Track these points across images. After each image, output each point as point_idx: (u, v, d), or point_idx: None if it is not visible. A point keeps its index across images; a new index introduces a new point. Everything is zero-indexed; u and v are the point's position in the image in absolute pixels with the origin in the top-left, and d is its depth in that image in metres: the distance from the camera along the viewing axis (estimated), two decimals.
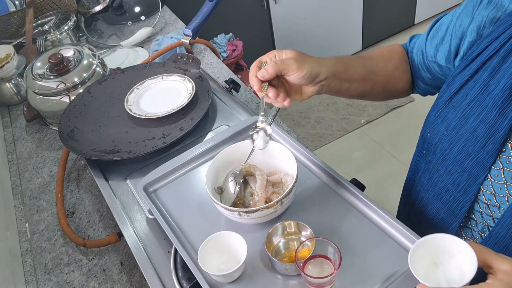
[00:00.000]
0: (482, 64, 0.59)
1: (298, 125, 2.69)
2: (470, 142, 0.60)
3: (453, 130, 0.63)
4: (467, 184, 0.62)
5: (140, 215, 0.80)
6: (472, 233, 0.66)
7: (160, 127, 0.93)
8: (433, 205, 0.70)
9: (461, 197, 0.63)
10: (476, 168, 0.60)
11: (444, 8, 3.30)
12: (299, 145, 0.79)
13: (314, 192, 0.72)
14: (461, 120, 0.61)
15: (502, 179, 0.58)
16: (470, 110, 0.60)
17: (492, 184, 0.59)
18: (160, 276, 0.69)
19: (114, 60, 1.42)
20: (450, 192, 0.65)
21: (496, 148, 0.57)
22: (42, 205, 1.02)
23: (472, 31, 0.63)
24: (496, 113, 0.57)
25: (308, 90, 0.68)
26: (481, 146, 0.59)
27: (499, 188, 0.59)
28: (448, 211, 0.66)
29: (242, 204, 0.70)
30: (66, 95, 1.13)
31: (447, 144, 0.64)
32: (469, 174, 0.61)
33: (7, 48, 1.34)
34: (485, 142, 0.58)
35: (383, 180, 2.24)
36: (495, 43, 0.58)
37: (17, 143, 1.22)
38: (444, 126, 0.64)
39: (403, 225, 0.63)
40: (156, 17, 1.63)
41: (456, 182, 0.63)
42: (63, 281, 0.85)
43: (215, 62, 1.33)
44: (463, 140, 0.61)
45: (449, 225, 0.67)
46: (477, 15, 0.62)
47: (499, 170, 0.58)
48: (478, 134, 0.59)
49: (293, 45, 2.79)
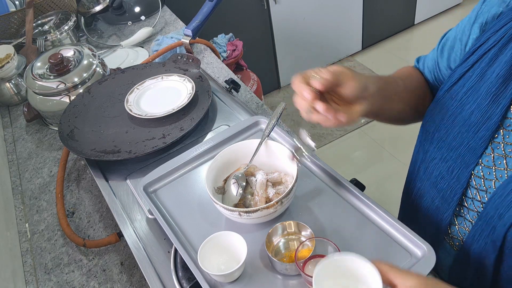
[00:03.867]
0: (481, 56, 0.61)
1: (298, 125, 2.69)
2: (464, 128, 0.61)
3: (449, 118, 0.64)
4: (460, 170, 0.63)
5: (140, 215, 0.80)
6: (464, 222, 0.66)
7: (160, 127, 0.93)
8: (428, 194, 0.71)
9: (454, 184, 0.64)
10: (468, 154, 0.61)
11: (444, 8, 3.31)
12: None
13: (314, 192, 0.72)
14: (458, 108, 0.63)
15: (491, 164, 0.59)
16: (466, 98, 0.62)
17: (482, 169, 0.61)
18: (160, 276, 0.69)
19: (114, 60, 1.42)
20: (445, 179, 0.66)
21: (488, 135, 0.58)
22: (42, 205, 1.02)
23: (476, 28, 0.65)
24: (489, 100, 0.58)
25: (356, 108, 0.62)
26: (474, 132, 0.60)
27: (488, 172, 0.60)
28: (442, 199, 0.67)
29: (242, 204, 0.70)
30: (66, 95, 1.13)
31: (444, 131, 0.65)
32: (462, 160, 0.62)
33: (7, 48, 1.34)
34: (478, 129, 0.59)
35: (383, 180, 2.24)
36: (495, 36, 0.59)
37: (17, 143, 1.22)
38: (441, 115, 0.66)
39: (403, 225, 0.63)
40: (156, 17, 1.63)
41: (450, 169, 0.65)
42: (63, 281, 0.85)
43: (215, 62, 1.33)
44: (458, 127, 0.62)
45: (443, 213, 0.68)
46: (480, 13, 0.64)
47: (489, 155, 0.59)
48: (472, 121, 0.60)
49: (293, 45, 2.79)
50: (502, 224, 0.57)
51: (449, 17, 3.30)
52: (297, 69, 3.27)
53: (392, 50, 3.14)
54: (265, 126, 0.82)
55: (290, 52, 2.82)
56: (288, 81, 3.00)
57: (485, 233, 0.60)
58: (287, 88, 3.00)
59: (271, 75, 2.89)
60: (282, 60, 2.83)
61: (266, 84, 2.84)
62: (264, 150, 0.74)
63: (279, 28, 2.65)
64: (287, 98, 2.91)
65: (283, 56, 2.81)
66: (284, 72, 2.92)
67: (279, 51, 2.76)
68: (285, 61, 2.85)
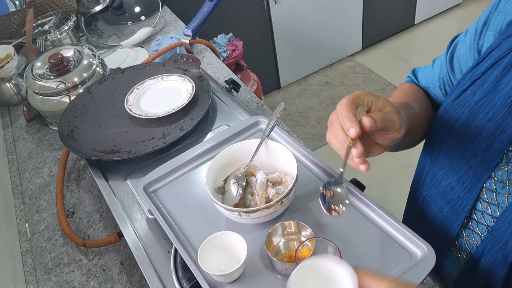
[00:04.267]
0: (493, 63, 0.58)
1: (298, 125, 2.69)
2: (477, 140, 0.59)
3: (460, 128, 0.61)
4: (472, 182, 0.61)
5: (140, 215, 0.80)
6: (472, 235, 0.65)
7: (160, 127, 0.93)
8: (436, 204, 0.69)
9: (465, 196, 0.63)
10: (481, 167, 0.59)
11: (444, 8, 3.31)
12: (299, 145, 0.79)
13: (314, 192, 0.72)
14: (469, 118, 0.60)
15: (505, 178, 0.57)
16: (478, 108, 0.59)
17: (494, 183, 0.59)
18: (160, 276, 0.69)
19: (114, 60, 1.42)
20: (455, 190, 0.64)
21: (503, 148, 0.56)
22: (42, 205, 1.02)
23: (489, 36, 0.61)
24: (504, 112, 0.55)
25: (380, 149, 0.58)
26: (488, 144, 0.57)
27: (501, 186, 0.58)
28: (452, 209, 0.66)
29: (242, 204, 0.70)
30: (66, 95, 1.13)
31: (453, 141, 0.62)
32: (474, 172, 0.60)
33: (7, 48, 1.34)
34: (493, 141, 0.57)
35: (383, 180, 2.24)
36: (507, 43, 0.56)
37: (17, 143, 1.22)
38: (450, 124, 0.63)
39: (403, 225, 0.63)
40: (156, 17, 1.63)
41: (461, 180, 0.62)
42: (63, 281, 0.85)
43: (215, 62, 1.33)
44: (470, 138, 0.60)
45: (452, 224, 0.67)
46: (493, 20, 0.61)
47: (503, 168, 0.57)
48: (485, 133, 0.57)
49: (293, 45, 2.79)
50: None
51: (449, 17, 3.30)
52: (297, 69, 3.28)
53: (392, 50, 3.15)
54: (265, 126, 0.82)
55: (290, 52, 2.82)
56: (288, 81, 3.00)
57: (496, 247, 0.59)
58: (287, 88, 3.01)
59: (271, 75, 2.89)
60: (282, 60, 2.83)
61: (266, 84, 2.85)
62: (264, 150, 0.74)
63: (279, 28, 2.65)
64: (287, 98, 2.92)
65: (283, 56, 2.81)
66: (284, 72, 2.92)
67: (279, 51, 2.76)
68: (285, 61, 2.85)
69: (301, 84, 3.01)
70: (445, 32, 3.16)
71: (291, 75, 2.99)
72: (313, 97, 2.89)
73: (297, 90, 2.97)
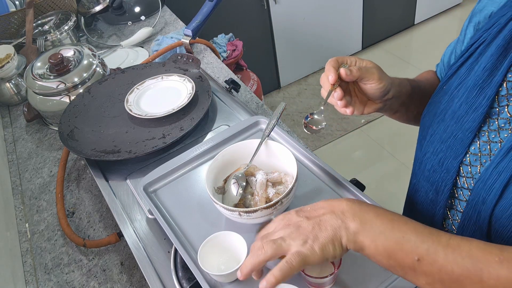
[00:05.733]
0: (472, 53, 0.64)
1: (298, 125, 2.69)
2: (453, 121, 0.63)
3: (441, 113, 0.66)
4: (449, 161, 0.64)
5: (140, 215, 0.80)
6: (456, 214, 0.67)
7: (160, 127, 0.93)
8: (423, 189, 0.72)
9: (444, 175, 0.66)
10: (457, 145, 0.63)
11: (444, 8, 3.31)
12: (299, 145, 0.79)
13: (314, 192, 0.72)
14: (449, 103, 0.65)
15: (477, 151, 0.61)
16: (456, 92, 0.65)
17: (469, 157, 0.62)
18: (160, 276, 0.69)
19: (114, 60, 1.42)
20: (437, 172, 0.67)
21: (475, 125, 0.60)
22: (42, 205, 1.02)
23: (471, 28, 0.69)
24: (476, 92, 0.60)
25: (373, 105, 0.71)
26: (462, 123, 0.62)
27: (474, 159, 0.61)
28: (435, 191, 0.68)
29: (242, 204, 0.70)
30: (66, 95, 1.13)
31: (436, 126, 0.67)
32: (451, 151, 0.64)
33: (7, 48, 1.34)
34: (466, 120, 0.61)
35: (383, 180, 2.24)
36: (486, 34, 0.63)
37: (17, 143, 1.22)
38: (434, 110, 0.68)
39: None
40: (156, 17, 1.63)
41: (441, 162, 0.66)
42: (63, 281, 0.85)
43: (215, 62, 1.34)
44: (448, 120, 0.64)
45: (436, 205, 0.68)
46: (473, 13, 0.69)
47: (476, 143, 0.61)
48: (460, 113, 0.62)
49: (293, 45, 2.79)
50: (485, 208, 0.57)
51: (449, 17, 3.30)
52: (297, 69, 3.27)
53: (392, 50, 3.15)
54: (265, 126, 0.82)
55: (290, 52, 2.82)
56: (288, 81, 3.00)
57: (473, 220, 0.60)
58: (287, 88, 3.01)
59: (271, 75, 2.89)
60: (282, 60, 2.83)
61: (266, 84, 2.85)
62: (264, 150, 0.74)
63: (279, 28, 2.66)
64: (287, 98, 2.92)
65: (283, 56, 2.81)
66: (284, 72, 2.92)
67: (279, 51, 2.77)
68: (285, 61, 2.85)
69: (301, 84, 3.01)
70: (445, 32, 3.16)
71: (291, 75, 2.99)
72: (313, 97, 2.89)
73: (297, 90, 2.97)
